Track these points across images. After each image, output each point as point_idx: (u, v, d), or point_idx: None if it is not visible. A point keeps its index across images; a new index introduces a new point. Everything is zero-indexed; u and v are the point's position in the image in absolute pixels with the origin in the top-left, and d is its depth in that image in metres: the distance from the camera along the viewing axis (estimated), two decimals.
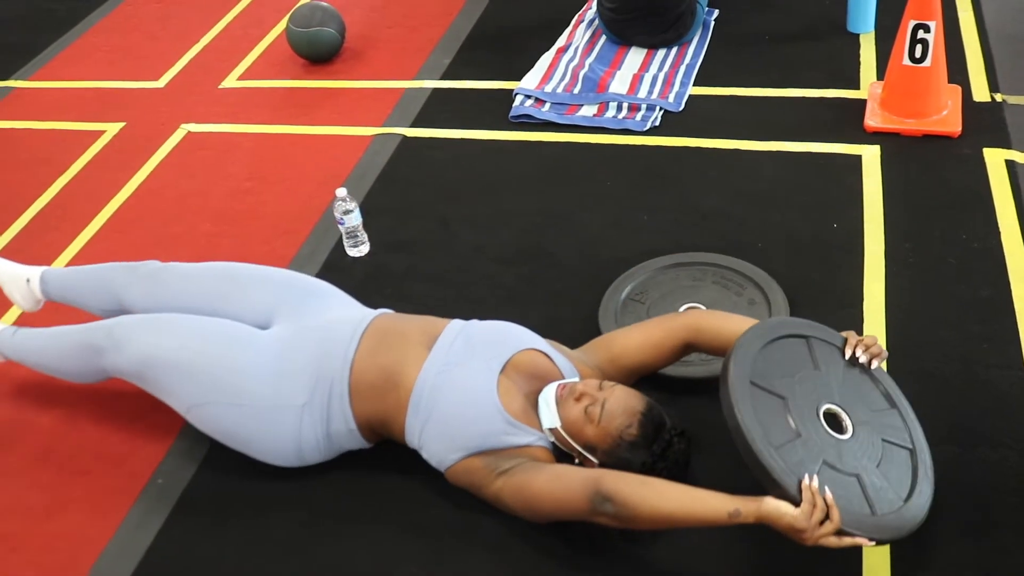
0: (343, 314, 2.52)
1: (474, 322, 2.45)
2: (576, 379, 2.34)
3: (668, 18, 3.91)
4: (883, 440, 2.16)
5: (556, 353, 2.40)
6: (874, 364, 2.26)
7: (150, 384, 2.50)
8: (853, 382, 2.23)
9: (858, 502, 2.02)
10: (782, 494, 1.96)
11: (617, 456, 2.18)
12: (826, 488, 1.96)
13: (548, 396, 2.25)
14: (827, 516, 1.94)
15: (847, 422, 2.15)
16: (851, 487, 2.03)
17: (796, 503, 1.94)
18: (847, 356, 2.25)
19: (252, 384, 2.37)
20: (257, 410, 2.37)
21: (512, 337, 2.39)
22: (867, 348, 2.26)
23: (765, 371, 2.13)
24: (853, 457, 2.08)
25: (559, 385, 2.26)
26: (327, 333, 2.43)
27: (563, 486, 2.11)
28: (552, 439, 2.23)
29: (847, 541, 1.95)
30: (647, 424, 2.19)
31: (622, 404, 2.19)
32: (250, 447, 2.43)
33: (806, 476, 1.96)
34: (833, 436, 2.11)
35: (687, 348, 2.38)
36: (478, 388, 2.26)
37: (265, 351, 2.42)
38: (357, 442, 2.42)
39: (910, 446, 2.19)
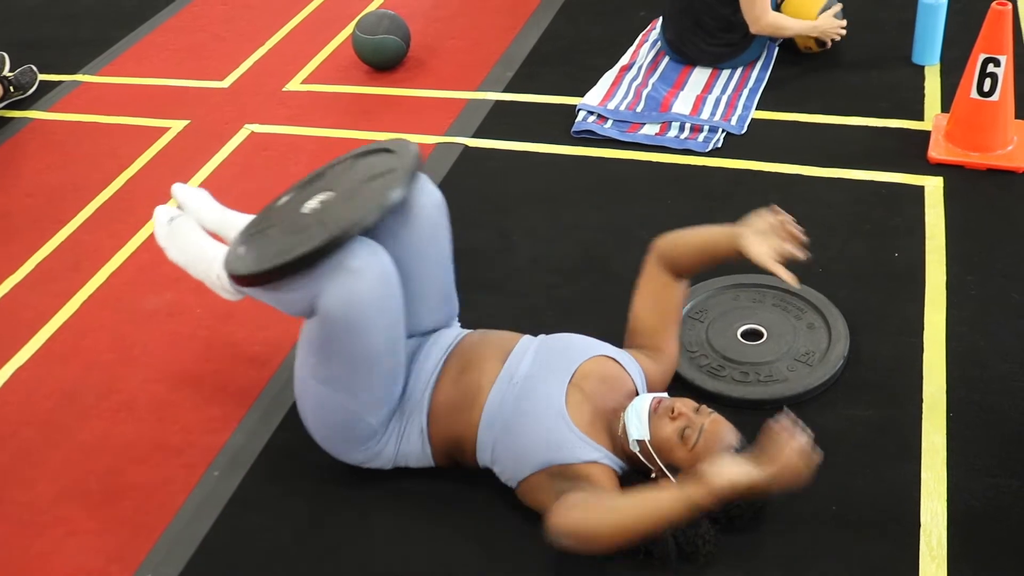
0: (438, 338, 2.51)
1: (544, 336, 2.46)
2: (666, 394, 2.32)
3: (719, 27, 3.92)
4: (368, 179, 2.38)
5: (626, 357, 2.41)
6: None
7: (327, 332, 2.25)
8: (358, 171, 2.46)
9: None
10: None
11: None
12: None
13: (641, 407, 2.23)
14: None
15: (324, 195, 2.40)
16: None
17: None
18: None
19: (374, 394, 2.34)
20: (359, 414, 2.34)
21: (581, 346, 2.40)
22: None
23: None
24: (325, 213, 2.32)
25: (654, 398, 2.25)
26: (425, 357, 2.44)
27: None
28: (637, 451, 2.21)
29: None
30: None
31: (719, 436, 2.17)
32: (332, 440, 2.41)
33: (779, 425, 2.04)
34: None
35: (671, 271, 2.46)
36: (547, 400, 2.25)
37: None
38: (426, 461, 2.42)
39: (392, 168, 2.37)
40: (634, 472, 2.25)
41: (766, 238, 2.27)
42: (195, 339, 3.00)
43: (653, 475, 2.21)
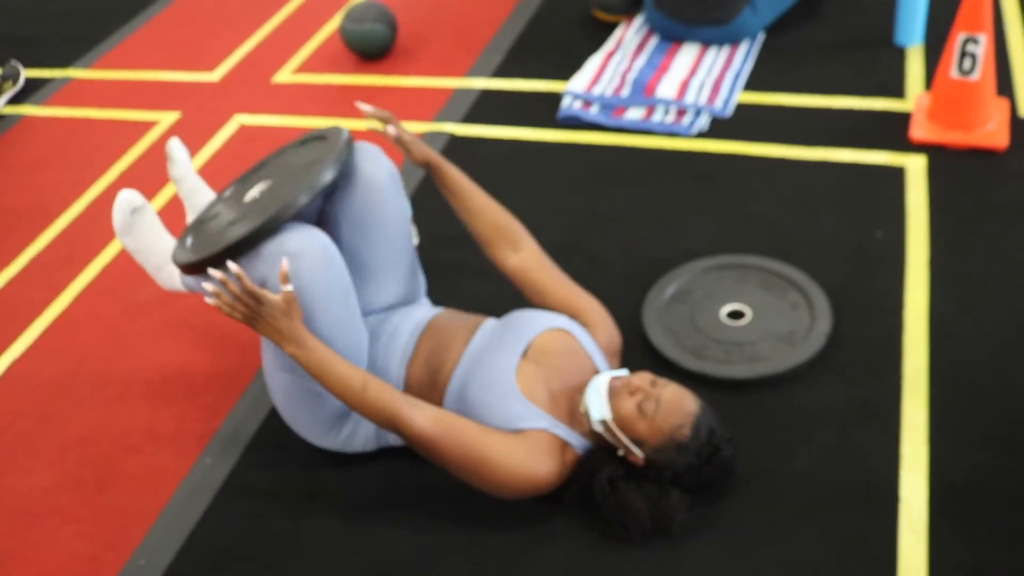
0: (409, 314, 2.54)
1: (507, 315, 2.50)
2: (626, 371, 2.36)
3: None
4: (305, 166, 2.39)
5: (579, 330, 2.45)
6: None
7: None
8: (296, 159, 2.49)
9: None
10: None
11: (665, 454, 2.21)
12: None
13: (599, 386, 2.28)
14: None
15: (264, 184, 2.46)
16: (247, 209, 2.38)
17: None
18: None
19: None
20: (325, 394, 2.39)
21: (535, 320, 2.43)
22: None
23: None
24: (257, 198, 2.41)
25: (613, 377, 2.30)
26: (393, 334, 2.47)
27: None
28: (601, 430, 2.26)
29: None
30: (700, 427, 2.21)
31: (676, 404, 2.22)
32: (304, 425, 2.45)
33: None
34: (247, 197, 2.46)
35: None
36: (499, 374, 2.30)
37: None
38: (403, 441, 2.46)
39: (326, 154, 2.38)
40: (600, 449, 2.29)
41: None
42: (187, 328, 3.03)
43: (620, 452, 2.26)
